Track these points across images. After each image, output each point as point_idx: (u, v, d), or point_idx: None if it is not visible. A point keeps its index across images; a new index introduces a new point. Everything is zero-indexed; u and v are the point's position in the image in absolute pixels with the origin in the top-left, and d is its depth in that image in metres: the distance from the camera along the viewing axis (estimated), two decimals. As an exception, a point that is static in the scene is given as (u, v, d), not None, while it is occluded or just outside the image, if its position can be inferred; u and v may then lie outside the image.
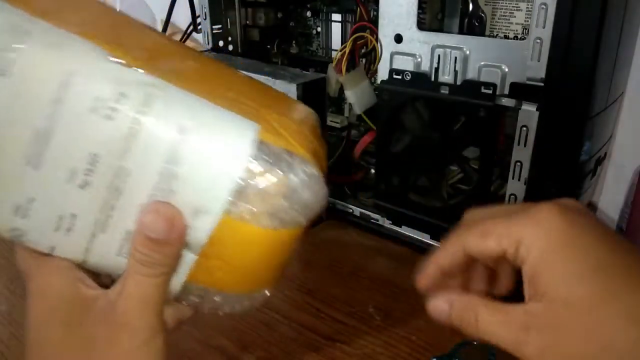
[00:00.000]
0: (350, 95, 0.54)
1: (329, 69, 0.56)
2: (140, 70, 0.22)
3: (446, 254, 0.27)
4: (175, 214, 0.22)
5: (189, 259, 0.24)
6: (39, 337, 0.24)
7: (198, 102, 0.22)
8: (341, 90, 0.56)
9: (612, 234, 0.24)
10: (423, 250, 0.54)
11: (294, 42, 0.67)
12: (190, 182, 0.22)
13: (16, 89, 0.20)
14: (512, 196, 0.45)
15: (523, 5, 0.47)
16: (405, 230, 0.55)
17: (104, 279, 0.25)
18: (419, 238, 0.54)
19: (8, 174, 0.21)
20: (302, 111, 0.28)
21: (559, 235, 0.23)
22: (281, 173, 0.23)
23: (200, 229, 0.23)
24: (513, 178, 0.45)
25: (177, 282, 0.24)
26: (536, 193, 0.43)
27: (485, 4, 0.49)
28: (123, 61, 0.22)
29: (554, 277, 0.22)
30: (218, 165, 0.22)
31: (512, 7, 0.48)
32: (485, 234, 0.25)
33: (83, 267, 0.24)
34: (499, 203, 0.43)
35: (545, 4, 0.39)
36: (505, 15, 0.49)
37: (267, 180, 0.22)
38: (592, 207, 0.55)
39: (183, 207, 0.22)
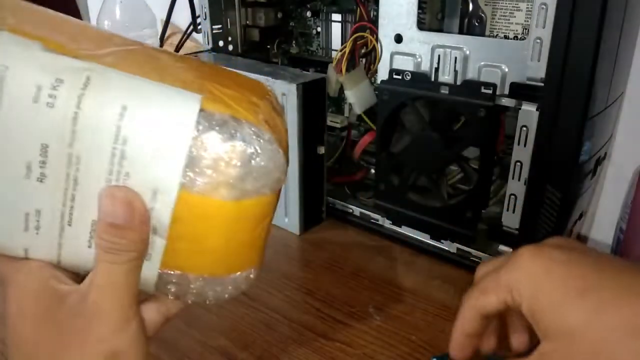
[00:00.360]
0: (350, 95, 0.54)
1: (329, 69, 0.56)
2: (74, 58, 0.22)
3: (465, 321, 0.29)
4: (132, 196, 0.22)
5: (158, 244, 0.23)
6: (17, 336, 0.24)
7: (137, 81, 0.22)
8: (341, 90, 0.56)
9: (597, 257, 0.26)
10: (423, 250, 0.54)
11: (294, 42, 0.67)
12: (141, 161, 0.22)
13: None
14: (512, 196, 0.45)
15: (523, 5, 0.47)
16: (405, 230, 0.55)
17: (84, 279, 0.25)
18: (419, 238, 0.54)
19: None
20: (255, 85, 0.27)
21: (539, 273, 0.25)
22: (230, 140, 0.22)
23: (162, 210, 0.22)
24: (513, 178, 0.45)
25: (152, 270, 0.24)
26: (536, 193, 0.43)
27: (485, 4, 0.49)
28: (56, 50, 0.21)
29: (548, 313, 0.24)
30: (165, 140, 0.22)
31: (512, 7, 0.48)
32: (484, 291, 0.27)
33: (61, 268, 0.24)
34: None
35: (545, 4, 0.39)
36: (505, 15, 0.49)
37: (217, 148, 0.22)
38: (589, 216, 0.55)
39: (141, 190, 0.22)
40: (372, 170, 0.60)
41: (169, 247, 0.23)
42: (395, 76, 0.49)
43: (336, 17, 0.62)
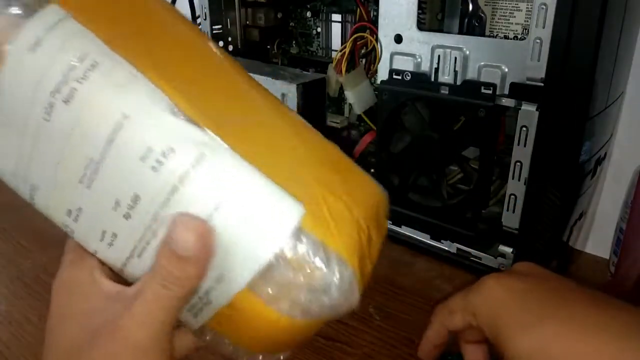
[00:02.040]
0: (350, 95, 0.54)
1: (329, 69, 0.56)
2: (197, 127, 0.21)
3: (433, 333, 0.33)
4: (206, 233, 0.21)
5: (207, 309, 0.23)
6: (58, 328, 0.25)
7: (247, 171, 0.21)
8: (341, 90, 0.56)
9: (556, 287, 0.28)
10: (423, 250, 0.54)
11: (294, 42, 0.67)
12: (222, 249, 0.21)
13: (76, 118, 0.21)
14: (512, 196, 0.45)
15: (523, 6, 0.47)
16: (405, 230, 0.55)
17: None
18: (419, 238, 0.54)
19: (65, 184, 0.23)
20: (370, 191, 0.26)
21: (498, 302, 0.28)
22: (313, 267, 0.21)
23: (221, 294, 0.22)
24: (513, 178, 0.45)
25: (195, 323, 0.24)
26: (536, 193, 0.43)
27: (485, 4, 0.49)
28: (182, 113, 0.21)
29: (504, 340, 0.26)
30: (252, 243, 0.21)
31: (512, 7, 0.48)
32: (452, 311, 0.31)
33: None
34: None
35: (545, 4, 0.39)
36: (505, 16, 0.49)
37: (296, 270, 0.21)
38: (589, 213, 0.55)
39: (210, 270, 0.22)
40: (372, 170, 0.60)
41: (215, 318, 0.23)
42: (395, 76, 0.49)
43: (336, 17, 0.62)
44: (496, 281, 0.29)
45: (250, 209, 0.21)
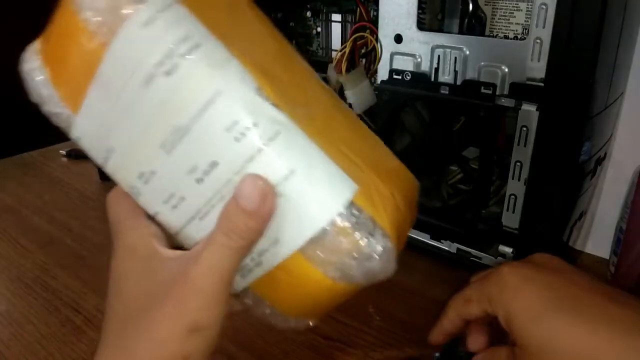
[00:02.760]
0: (350, 95, 0.54)
1: (329, 69, 0.56)
2: (276, 108, 0.24)
3: (448, 321, 0.33)
4: (269, 190, 0.23)
5: (259, 269, 0.26)
6: (118, 287, 0.26)
7: (313, 151, 0.25)
8: (341, 90, 0.56)
9: (569, 279, 0.29)
10: (423, 250, 0.54)
11: (294, 42, 0.67)
12: (281, 214, 0.24)
13: (173, 89, 0.23)
14: (512, 196, 0.45)
15: (523, 5, 0.47)
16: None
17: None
18: (419, 238, 0.54)
19: (144, 148, 0.25)
20: (407, 180, 0.30)
21: (512, 290, 0.29)
22: (360, 237, 0.24)
23: (273, 256, 0.25)
24: (513, 178, 0.45)
25: (241, 283, 0.27)
26: (536, 193, 0.43)
27: (485, 4, 0.49)
28: (265, 95, 0.24)
29: (518, 328, 0.27)
30: (309, 211, 0.24)
31: (512, 7, 0.48)
32: (469, 299, 0.31)
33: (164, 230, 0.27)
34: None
35: (545, 4, 0.39)
36: (505, 15, 0.49)
37: (346, 238, 0.24)
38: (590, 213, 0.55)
39: (267, 233, 0.25)
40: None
41: (262, 277, 0.26)
42: (395, 76, 0.49)
43: (336, 17, 0.62)
44: (511, 271, 0.30)
45: (312, 182, 0.24)
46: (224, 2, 0.27)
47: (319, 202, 0.24)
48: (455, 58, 0.45)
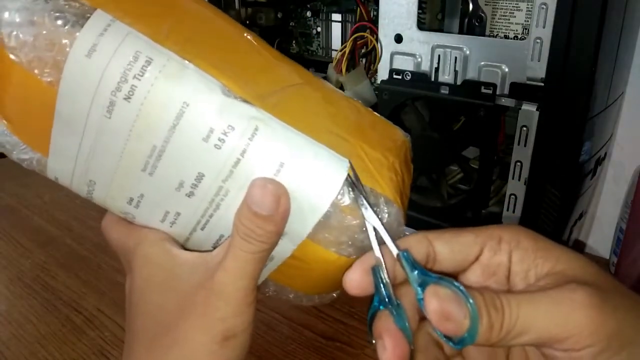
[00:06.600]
0: (350, 94, 0.54)
1: (329, 69, 0.56)
2: (248, 104, 0.23)
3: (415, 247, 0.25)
4: (281, 192, 0.23)
5: (273, 263, 0.26)
6: (141, 305, 0.25)
7: (296, 137, 0.24)
8: (341, 90, 0.56)
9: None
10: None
11: (294, 42, 0.67)
12: None
13: (137, 112, 0.22)
14: (512, 196, 0.45)
15: (523, 5, 0.47)
16: (405, 230, 0.55)
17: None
18: (419, 238, 0.54)
19: (126, 175, 0.24)
20: (395, 137, 0.29)
21: (533, 235, 0.24)
22: (365, 210, 0.24)
23: (284, 249, 0.25)
24: (513, 178, 0.45)
25: (261, 276, 0.26)
26: (536, 193, 0.43)
27: (485, 4, 0.49)
28: (234, 94, 0.23)
29: (568, 263, 0.23)
30: (309, 197, 0.24)
31: (512, 7, 0.48)
32: (458, 233, 0.25)
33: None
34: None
35: (545, 4, 0.39)
36: (505, 15, 0.49)
37: (351, 214, 0.24)
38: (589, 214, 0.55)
39: None
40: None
41: (278, 269, 0.26)
42: (395, 76, 0.49)
43: (336, 17, 0.62)
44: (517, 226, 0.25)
45: (304, 168, 0.24)
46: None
47: (316, 188, 0.24)
48: (456, 58, 0.45)
